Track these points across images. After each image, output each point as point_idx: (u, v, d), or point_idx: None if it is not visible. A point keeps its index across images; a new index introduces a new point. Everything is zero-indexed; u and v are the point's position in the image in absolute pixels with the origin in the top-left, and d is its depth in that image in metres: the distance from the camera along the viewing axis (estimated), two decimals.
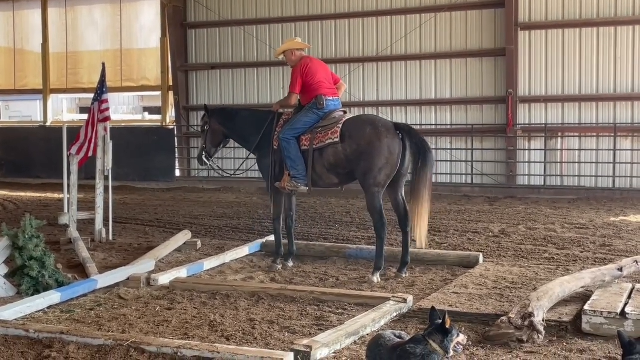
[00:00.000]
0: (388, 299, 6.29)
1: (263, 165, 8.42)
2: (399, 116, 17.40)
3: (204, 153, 8.83)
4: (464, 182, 16.92)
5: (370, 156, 7.56)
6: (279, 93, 18.53)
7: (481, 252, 8.70)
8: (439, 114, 17.30)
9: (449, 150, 17.02)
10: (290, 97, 8.29)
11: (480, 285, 7.03)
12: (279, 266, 8.25)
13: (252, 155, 8.84)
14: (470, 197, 15.49)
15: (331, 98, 8.08)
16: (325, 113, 8.00)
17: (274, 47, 18.38)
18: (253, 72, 18.84)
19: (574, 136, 16.19)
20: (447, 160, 17.03)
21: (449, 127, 17.21)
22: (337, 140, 7.73)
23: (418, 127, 17.27)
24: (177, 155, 19.34)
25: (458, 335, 4.48)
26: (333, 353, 5.05)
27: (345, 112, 8.19)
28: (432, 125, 17.32)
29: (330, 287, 7.20)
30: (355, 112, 17.53)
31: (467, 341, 4.85)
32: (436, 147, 17.09)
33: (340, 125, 7.79)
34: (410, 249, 7.94)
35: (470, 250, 8.96)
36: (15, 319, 5.88)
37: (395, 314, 6.03)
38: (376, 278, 7.53)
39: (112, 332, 5.59)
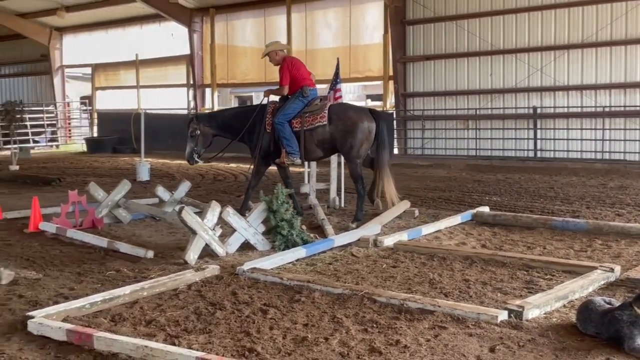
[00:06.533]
0: (595, 268, 5.89)
1: (254, 147, 9.10)
2: (602, 99, 16.15)
3: (195, 154, 9.37)
4: None
5: (355, 134, 8.72)
6: (487, 79, 17.98)
7: None
8: None
9: None
10: (282, 89, 9.10)
11: None
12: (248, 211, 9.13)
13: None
14: None
15: (312, 88, 9.03)
16: (309, 100, 8.96)
17: (483, 38, 17.85)
18: (463, 61, 18.39)
19: None
20: None
21: None
22: (325, 122, 8.80)
23: (622, 108, 15.95)
24: (395, 135, 19.48)
25: None
26: (544, 314, 4.84)
27: (321, 100, 9.07)
28: (638, 106, 15.84)
29: (537, 255, 6.90)
30: (560, 95, 16.78)
31: None
32: None
33: (327, 111, 8.82)
34: (615, 223, 7.62)
35: None
36: (272, 269, 6.30)
37: (602, 282, 5.64)
38: (355, 224, 8.40)
39: (348, 283, 5.79)
